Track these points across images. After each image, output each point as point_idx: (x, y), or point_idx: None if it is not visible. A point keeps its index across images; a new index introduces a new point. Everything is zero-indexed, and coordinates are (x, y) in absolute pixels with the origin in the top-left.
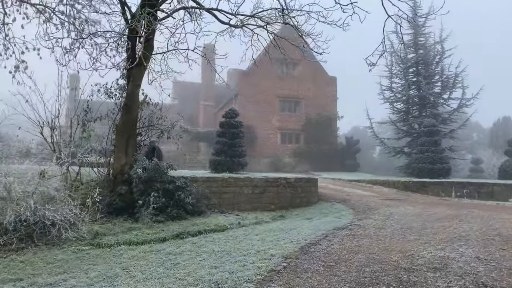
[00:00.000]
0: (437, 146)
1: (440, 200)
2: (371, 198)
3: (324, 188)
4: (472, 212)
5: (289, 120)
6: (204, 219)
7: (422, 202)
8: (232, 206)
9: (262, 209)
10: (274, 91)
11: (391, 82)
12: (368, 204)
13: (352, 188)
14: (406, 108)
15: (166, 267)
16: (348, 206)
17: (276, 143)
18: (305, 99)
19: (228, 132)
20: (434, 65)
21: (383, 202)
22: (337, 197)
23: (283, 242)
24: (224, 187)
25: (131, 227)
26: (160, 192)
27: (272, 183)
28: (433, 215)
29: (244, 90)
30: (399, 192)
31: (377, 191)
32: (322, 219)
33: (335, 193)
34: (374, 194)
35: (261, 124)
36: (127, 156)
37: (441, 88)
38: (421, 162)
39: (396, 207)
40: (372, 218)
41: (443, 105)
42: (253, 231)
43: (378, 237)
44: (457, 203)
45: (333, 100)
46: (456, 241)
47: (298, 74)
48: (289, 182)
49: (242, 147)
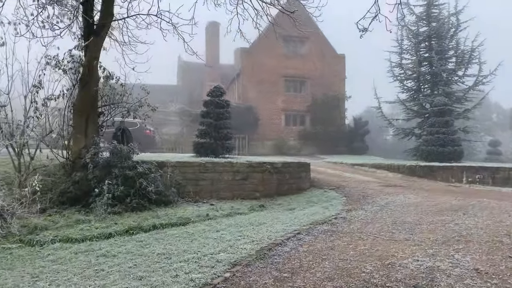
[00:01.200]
0: (448, 127)
1: (449, 186)
2: (371, 184)
3: (321, 173)
4: (481, 202)
5: (294, 101)
6: (170, 210)
7: (427, 189)
8: (210, 194)
9: (245, 197)
10: (279, 70)
11: (401, 58)
12: (364, 192)
13: (353, 173)
14: (416, 86)
15: (85, 275)
16: (341, 194)
17: (280, 125)
18: (311, 78)
19: (213, 112)
20: (448, 39)
21: (382, 189)
22: (333, 183)
23: (242, 241)
24: (202, 173)
25: (80, 219)
26: (119, 180)
27: (256, 168)
28: (434, 206)
29: (246, 69)
30: (404, 178)
31: (380, 176)
32: (307, 209)
33: (332, 178)
34: (375, 180)
35: (265, 105)
36: (87, 138)
37: (455, 64)
38: (430, 145)
39: (396, 195)
40: (363, 209)
41: (457, 83)
42: (219, 225)
43: (360, 236)
44: (466, 191)
45: (341, 79)
46: (454, 243)
47: (305, 52)
48: (276, 167)
49: (228, 128)
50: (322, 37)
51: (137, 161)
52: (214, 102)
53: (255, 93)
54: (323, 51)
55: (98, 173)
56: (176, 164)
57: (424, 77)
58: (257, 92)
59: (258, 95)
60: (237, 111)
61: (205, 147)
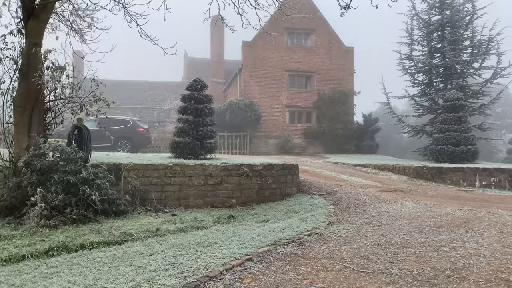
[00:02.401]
0: (461, 123)
1: (458, 192)
2: (368, 189)
3: (316, 175)
4: (492, 214)
5: (299, 97)
6: (119, 223)
7: (432, 195)
8: (179, 202)
9: (218, 204)
10: (283, 64)
11: (411, 49)
12: (358, 198)
13: (353, 175)
14: (428, 79)
15: None
16: (330, 201)
17: (284, 122)
18: (317, 73)
19: (192, 108)
20: (462, 28)
21: (379, 195)
22: (325, 187)
23: (169, 273)
24: (168, 177)
25: (2, 235)
26: (59, 187)
27: (232, 171)
28: (433, 219)
29: (248, 64)
30: (409, 181)
31: (382, 179)
32: (282, 222)
33: (326, 181)
34: (375, 184)
35: (268, 102)
36: (30, 138)
37: (470, 55)
38: (441, 143)
39: (393, 203)
40: (348, 222)
41: (473, 76)
42: (159, 245)
43: (326, 263)
44: (478, 197)
45: (349, 74)
46: (442, 283)
47: (311, 45)
48: (256, 170)
49: (209, 126)
50: (329, 29)
51: (85, 165)
52: (193, 97)
53: (257, 88)
54: (330, 44)
55: (36, 178)
56: (139, 167)
57: (437, 69)
58: (259, 87)
59: (261, 91)
60: (237, 108)
61: (181, 147)
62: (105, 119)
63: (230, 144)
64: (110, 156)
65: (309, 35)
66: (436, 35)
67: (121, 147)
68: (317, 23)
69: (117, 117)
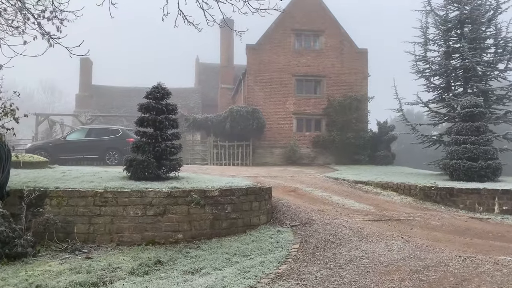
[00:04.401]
0: (479, 134)
1: (470, 220)
2: (356, 217)
3: (302, 197)
4: (502, 265)
5: (307, 103)
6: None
7: (434, 227)
8: (110, 237)
9: (161, 240)
10: (290, 68)
11: (425, 49)
12: (335, 233)
13: (348, 196)
14: (445, 83)
15: None
16: (299, 237)
17: (291, 130)
18: (328, 77)
19: (149, 120)
20: (485, 24)
21: (365, 227)
22: (304, 214)
23: None
24: (98, 207)
25: None
26: None
27: (178, 199)
28: (416, 275)
29: (252, 69)
30: (414, 204)
31: (380, 201)
32: (214, 274)
33: (309, 205)
34: (369, 209)
35: (273, 109)
36: None
37: (494, 55)
38: (455, 158)
39: (377, 241)
40: (302, 276)
41: (498, 78)
42: None
43: None
44: (493, 229)
45: (363, 78)
46: None
47: (320, 47)
48: (211, 196)
49: (169, 140)
50: (340, 30)
51: None
52: (153, 107)
53: (262, 95)
54: (341, 46)
55: None
56: (63, 194)
57: (455, 72)
58: (264, 94)
59: (266, 97)
60: (238, 116)
61: (134, 166)
62: (94, 129)
63: (231, 154)
64: (39, 175)
65: (318, 37)
66: (454, 33)
67: (110, 158)
68: (327, 24)
69: (106, 126)
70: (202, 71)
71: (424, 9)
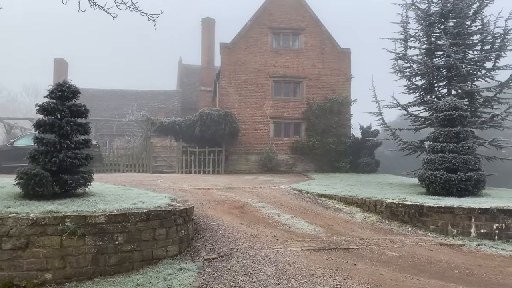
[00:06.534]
0: (459, 141)
1: (437, 248)
2: (293, 246)
3: (246, 215)
4: None
5: (286, 107)
6: None
7: (388, 260)
8: None
9: (22, 281)
10: (267, 69)
11: (406, 47)
12: (253, 271)
13: (302, 213)
14: (427, 84)
15: None
16: (201, 280)
17: (268, 135)
18: (308, 78)
19: (48, 124)
20: (470, 17)
21: (298, 261)
22: (231, 241)
23: None
24: None
25: None
26: None
27: (47, 227)
28: None
29: (227, 70)
30: (377, 224)
31: (337, 221)
32: None
33: (244, 228)
34: (317, 232)
35: (249, 112)
36: None
37: (480, 52)
38: (432, 168)
39: (299, 285)
40: None
41: (484, 78)
42: None
43: None
44: (463, 262)
45: (345, 79)
46: None
47: (300, 46)
48: (94, 223)
49: (75, 149)
50: (321, 28)
51: None
52: (50, 108)
53: (236, 97)
54: (322, 45)
55: None
56: None
57: (439, 71)
58: (239, 96)
59: (241, 99)
60: (209, 120)
61: (25, 180)
62: None
63: (202, 161)
64: None
65: (297, 36)
66: (437, 29)
67: None
68: (307, 22)
69: None
70: (185, 74)
71: (405, 2)
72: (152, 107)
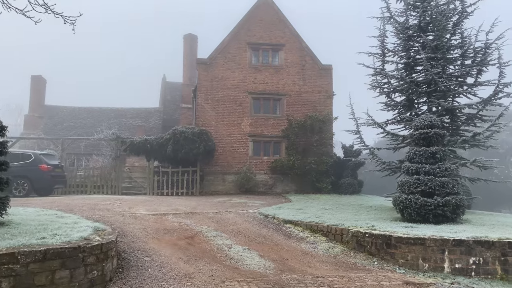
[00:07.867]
0: (436, 162)
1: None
2: None
3: (189, 248)
4: None
5: (265, 124)
6: None
7: None
8: None
9: None
10: (245, 85)
11: (383, 61)
12: None
13: (258, 243)
14: (407, 100)
15: None
16: None
17: (247, 154)
18: (288, 95)
19: None
20: (449, 30)
21: None
22: (155, 284)
23: None
24: None
25: None
26: None
27: None
28: None
29: (203, 86)
30: (340, 257)
31: (296, 253)
32: None
33: (181, 265)
34: (265, 270)
35: (226, 130)
36: None
37: (460, 67)
38: (406, 192)
39: None
40: None
41: (466, 94)
42: None
43: None
44: None
45: (327, 96)
46: None
47: (280, 63)
48: None
49: None
50: (302, 44)
51: None
52: None
53: (213, 114)
54: (303, 62)
55: None
56: None
57: (418, 87)
58: (216, 113)
59: (218, 117)
60: (182, 138)
61: None
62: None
63: (175, 182)
64: None
65: (277, 52)
66: (416, 42)
67: (18, 188)
68: (287, 38)
69: (17, 150)
70: (168, 91)
71: (382, 16)
72: (132, 125)
